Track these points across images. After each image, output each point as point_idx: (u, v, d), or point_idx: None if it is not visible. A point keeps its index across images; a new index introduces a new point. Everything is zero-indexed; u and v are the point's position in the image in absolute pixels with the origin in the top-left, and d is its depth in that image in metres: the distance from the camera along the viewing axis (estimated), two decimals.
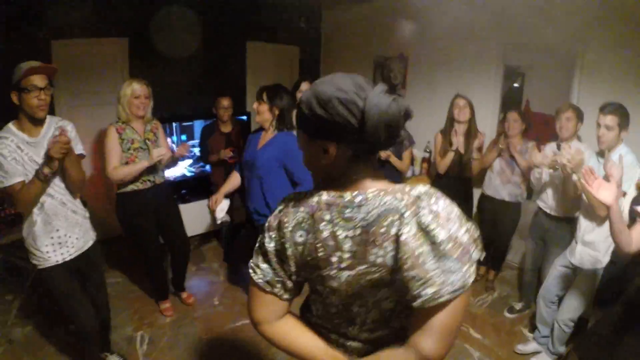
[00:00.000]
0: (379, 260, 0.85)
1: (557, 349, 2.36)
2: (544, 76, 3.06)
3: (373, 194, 0.86)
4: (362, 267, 0.87)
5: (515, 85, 3.21)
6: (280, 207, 0.96)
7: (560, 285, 2.31)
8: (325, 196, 0.90)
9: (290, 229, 0.91)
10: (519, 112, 2.80)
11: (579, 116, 2.40)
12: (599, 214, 2.02)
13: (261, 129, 2.49)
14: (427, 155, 3.64)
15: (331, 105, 0.83)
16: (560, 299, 2.33)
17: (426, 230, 0.81)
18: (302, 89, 3.05)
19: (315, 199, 0.91)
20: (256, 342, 2.58)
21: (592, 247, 2.14)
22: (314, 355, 0.98)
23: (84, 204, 2.24)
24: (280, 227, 0.93)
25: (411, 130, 3.11)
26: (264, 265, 0.96)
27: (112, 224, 4.10)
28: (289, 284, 0.97)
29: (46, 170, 1.81)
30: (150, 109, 2.59)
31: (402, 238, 0.81)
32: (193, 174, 3.86)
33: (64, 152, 1.80)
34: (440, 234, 0.80)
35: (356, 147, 0.87)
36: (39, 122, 1.89)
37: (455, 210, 0.85)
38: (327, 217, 0.88)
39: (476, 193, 3.20)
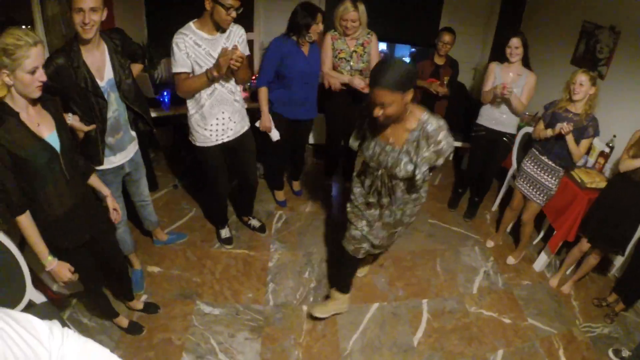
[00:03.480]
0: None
1: None
2: None
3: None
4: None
5: None
6: None
7: None
8: None
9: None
10: None
11: None
12: None
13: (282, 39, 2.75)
14: (607, 150, 3.07)
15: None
16: None
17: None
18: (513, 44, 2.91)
19: None
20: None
21: None
22: None
23: (251, 98, 2.61)
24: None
25: (603, 118, 2.71)
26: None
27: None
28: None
29: (215, 73, 2.03)
30: (361, 28, 2.79)
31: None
32: None
33: (234, 68, 2.00)
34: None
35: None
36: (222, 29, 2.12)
37: None
38: None
39: None
